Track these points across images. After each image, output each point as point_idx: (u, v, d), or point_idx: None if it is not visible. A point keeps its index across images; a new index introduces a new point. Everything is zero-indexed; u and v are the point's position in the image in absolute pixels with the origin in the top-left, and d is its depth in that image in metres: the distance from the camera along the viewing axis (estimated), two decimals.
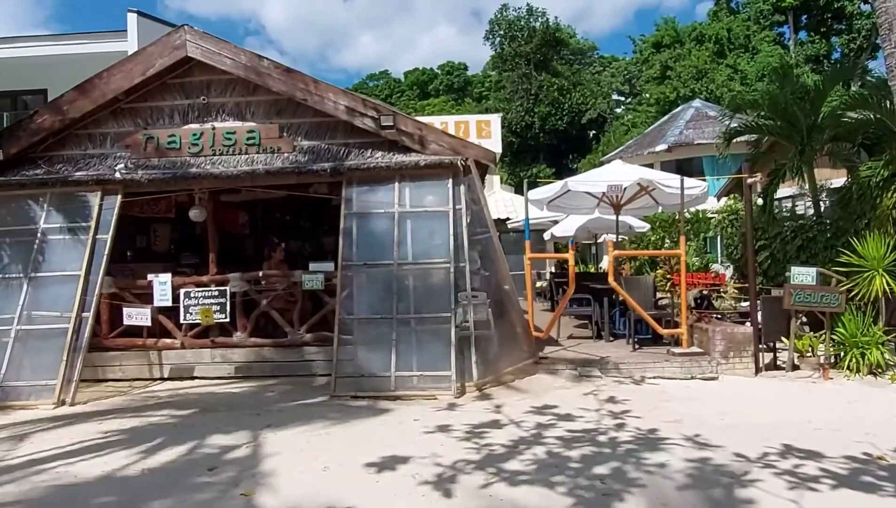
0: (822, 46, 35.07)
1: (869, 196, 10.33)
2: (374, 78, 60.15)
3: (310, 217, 13.28)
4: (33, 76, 15.07)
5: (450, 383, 7.08)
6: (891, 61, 7.25)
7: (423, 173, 8.03)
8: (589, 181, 9.47)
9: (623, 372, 7.81)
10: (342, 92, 8.26)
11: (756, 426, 5.61)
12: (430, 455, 4.97)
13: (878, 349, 7.37)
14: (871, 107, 10.62)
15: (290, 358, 8.43)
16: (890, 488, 4.09)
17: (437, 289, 7.60)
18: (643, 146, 24.76)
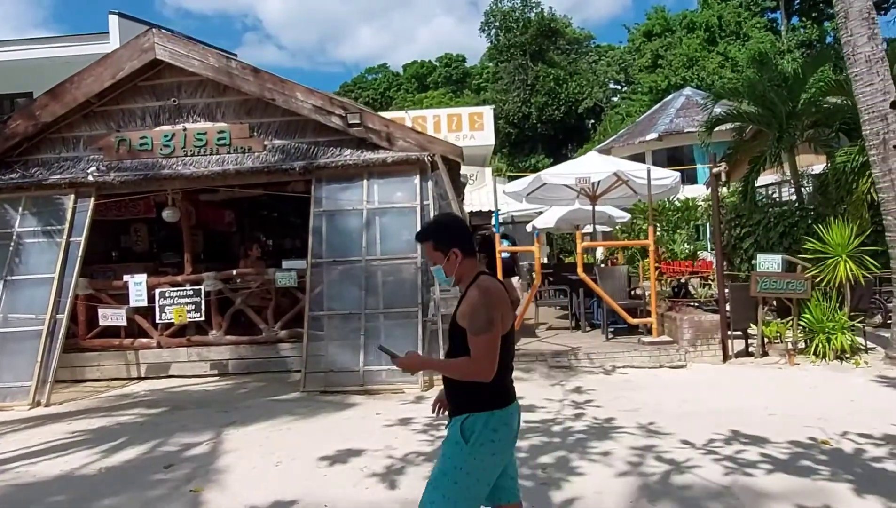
0: (814, 31, 34.83)
1: (845, 182, 10.37)
2: (372, 71, 60.13)
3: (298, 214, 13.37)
4: (20, 79, 15.15)
5: (417, 376, 7.15)
6: (848, 49, 7.25)
7: (390, 170, 8.09)
8: (561, 174, 9.51)
9: (594, 362, 7.87)
10: (310, 91, 8.31)
11: (712, 413, 5.67)
12: (384, 447, 5.05)
13: (844, 335, 7.40)
14: (848, 92, 10.58)
15: (265, 355, 8.53)
16: (825, 472, 4.14)
17: (406, 284, 7.68)
18: (635, 135, 24.69)
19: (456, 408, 2.49)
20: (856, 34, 7.15)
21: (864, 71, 7.17)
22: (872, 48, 7.12)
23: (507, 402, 2.48)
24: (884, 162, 7.21)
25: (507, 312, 2.43)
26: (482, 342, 2.32)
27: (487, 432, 2.39)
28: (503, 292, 2.47)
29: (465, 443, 2.39)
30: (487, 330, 2.32)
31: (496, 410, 2.42)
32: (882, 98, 7.13)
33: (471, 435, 2.39)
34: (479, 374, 2.35)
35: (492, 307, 2.35)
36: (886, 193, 7.27)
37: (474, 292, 2.41)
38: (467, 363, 2.37)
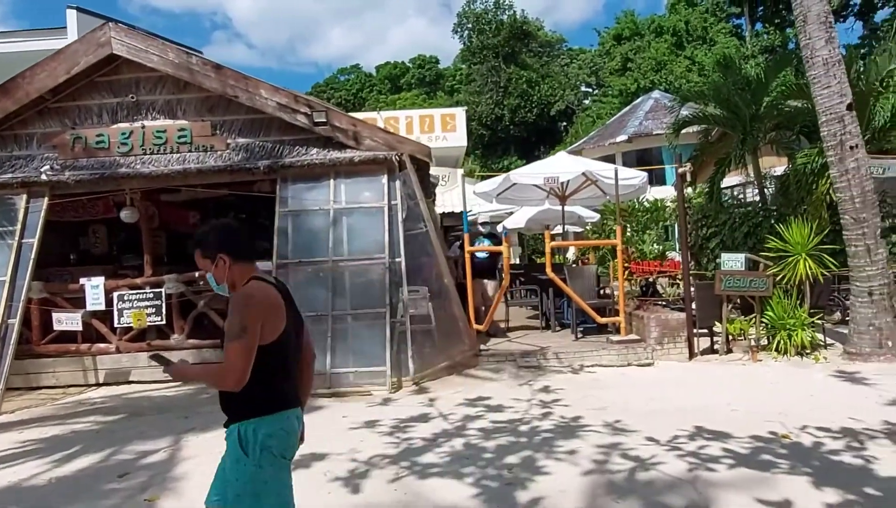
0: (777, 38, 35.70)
1: (805, 183, 10.58)
2: (344, 72, 59.66)
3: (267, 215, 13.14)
4: None
5: (385, 378, 7.07)
6: (806, 52, 7.40)
7: (358, 170, 7.99)
8: (530, 174, 9.51)
9: (563, 362, 7.88)
10: (274, 88, 8.16)
11: (678, 411, 5.70)
12: (349, 451, 4.96)
13: (804, 331, 7.55)
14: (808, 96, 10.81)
15: None
16: (785, 465, 4.19)
17: (374, 285, 7.58)
18: (605, 137, 24.97)
19: (229, 417, 2.39)
20: (814, 38, 7.30)
21: (822, 74, 7.32)
22: (830, 51, 7.27)
23: (282, 407, 2.39)
24: (841, 162, 7.37)
25: (274, 318, 2.33)
26: (232, 349, 2.22)
27: (264, 438, 2.30)
28: (272, 298, 2.36)
29: (246, 456, 2.30)
30: (239, 337, 2.22)
31: (267, 415, 2.33)
32: (839, 100, 7.29)
33: (247, 445, 2.30)
34: (228, 382, 2.25)
35: (249, 314, 2.25)
36: (843, 193, 7.43)
37: (235, 297, 2.33)
38: (217, 371, 2.30)
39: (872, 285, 7.27)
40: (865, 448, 4.42)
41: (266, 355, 2.29)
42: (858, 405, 5.57)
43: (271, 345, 2.31)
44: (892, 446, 4.46)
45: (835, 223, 9.44)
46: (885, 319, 7.23)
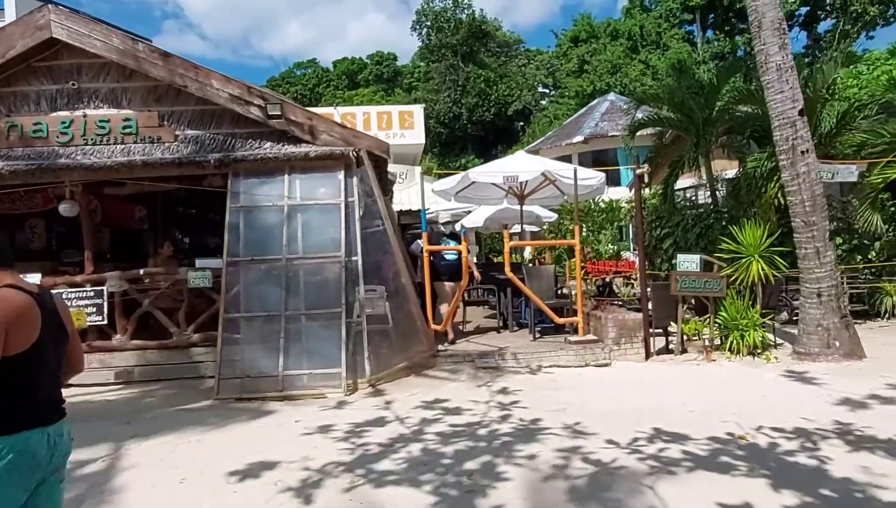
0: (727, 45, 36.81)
1: (755, 186, 10.88)
2: (301, 66, 58.56)
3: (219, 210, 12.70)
4: None
5: (340, 380, 6.86)
6: (761, 57, 7.54)
7: (313, 165, 7.74)
8: (489, 172, 9.42)
9: (521, 362, 7.82)
10: (226, 78, 7.83)
11: (635, 412, 5.70)
12: (301, 458, 4.75)
13: (756, 331, 7.71)
14: (759, 101, 11.11)
15: (176, 360, 7.97)
16: (743, 467, 4.20)
17: (329, 284, 7.36)
18: (562, 138, 25.20)
19: None
20: (768, 43, 7.44)
21: (776, 79, 7.47)
22: (783, 57, 7.43)
23: (22, 427, 2.24)
24: (792, 166, 7.54)
25: (20, 328, 2.20)
26: None
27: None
28: (21, 307, 2.23)
29: None
30: None
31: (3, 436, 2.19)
32: (791, 105, 7.45)
33: None
34: None
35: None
36: (795, 196, 7.60)
37: None
38: None
39: (821, 286, 7.47)
40: (819, 449, 4.48)
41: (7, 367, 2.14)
42: (809, 405, 5.68)
43: (15, 357, 2.16)
44: (844, 446, 4.53)
45: (783, 226, 9.73)
46: (832, 320, 7.44)
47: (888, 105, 10.77)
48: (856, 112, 10.88)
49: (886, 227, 10.42)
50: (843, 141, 10.67)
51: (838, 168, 8.35)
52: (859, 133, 10.53)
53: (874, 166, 9.67)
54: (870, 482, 3.87)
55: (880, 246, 10.86)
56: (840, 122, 10.71)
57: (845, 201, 11.34)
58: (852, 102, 11.79)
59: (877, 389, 6.10)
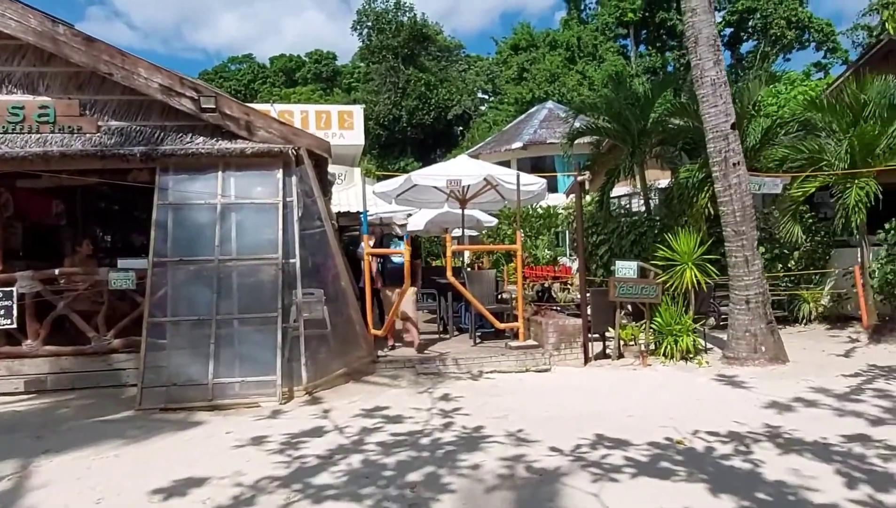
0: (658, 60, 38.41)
1: (686, 196, 11.26)
2: (236, 61, 56.66)
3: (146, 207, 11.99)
4: None
5: (275, 388, 6.57)
6: (696, 72, 7.80)
7: (250, 162, 7.40)
8: (431, 175, 9.32)
9: (462, 368, 7.74)
10: (156, 68, 7.39)
11: (576, 417, 5.72)
12: (232, 473, 4.47)
13: (689, 336, 7.95)
14: (690, 115, 11.55)
15: (94, 368, 7.43)
16: (683, 472, 4.26)
17: (265, 287, 7.04)
18: (501, 143, 25.50)
19: None
20: (704, 59, 7.70)
21: (710, 93, 7.74)
22: (717, 73, 7.71)
23: None
24: (725, 178, 7.82)
25: None
26: None
27: None
28: None
29: None
30: None
31: None
32: (724, 119, 7.74)
33: None
34: None
35: None
36: (726, 206, 7.89)
37: None
38: None
39: (749, 293, 7.77)
40: (752, 452, 4.61)
41: None
42: (740, 408, 5.86)
43: None
44: (775, 449, 4.68)
45: (712, 235, 10.11)
46: (759, 325, 7.76)
47: (807, 123, 11.40)
48: (778, 129, 11.46)
49: (805, 237, 11.02)
50: (766, 155, 11.21)
51: (765, 180, 8.74)
52: (781, 148, 11.09)
53: (794, 180, 10.19)
54: (801, 484, 3.99)
55: (799, 255, 11.50)
56: (764, 137, 11.25)
57: (767, 212, 11.93)
58: (774, 119, 12.45)
59: (800, 392, 6.39)
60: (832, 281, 11.63)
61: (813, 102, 11.50)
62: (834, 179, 10.03)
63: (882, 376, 7.16)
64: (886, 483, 4.00)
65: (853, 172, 9.71)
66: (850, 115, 10.24)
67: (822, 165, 10.23)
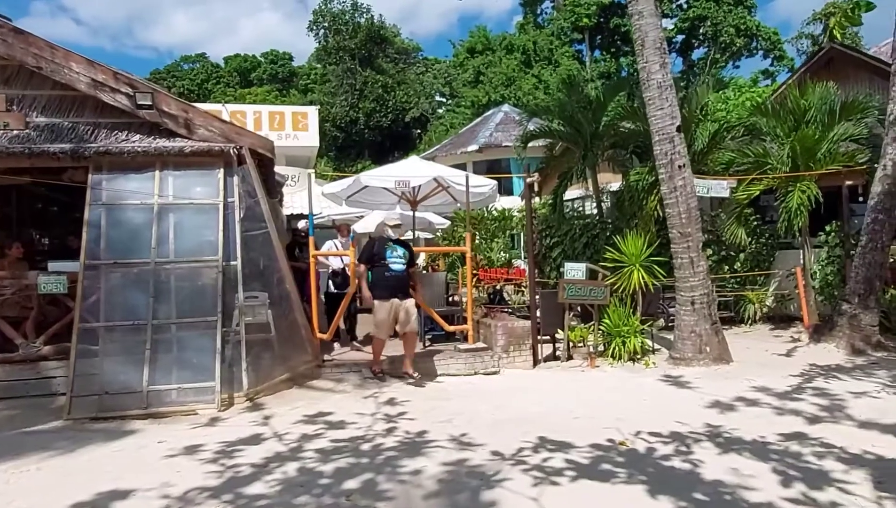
0: (612, 65, 39.11)
1: (637, 198, 11.43)
2: (189, 60, 55.26)
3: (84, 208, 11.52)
4: None
5: (214, 394, 6.32)
6: (643, 74, 7.90)
7: (189, 161, 7.13)
8: (381, 176, 9.21)
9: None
10: (89, 62, 7.05)
11: (522, 420, 5.67)
12: (160, 485, 4.25)
13: (637, 338, 8.02)
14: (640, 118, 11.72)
15: (21, 376, 7.01)
16: (623, 474, 4.24)
17: (205, 290, 6.78)
18: (457, 146, 25.51)
19: None
20: (650, 61, 7.80)
21: (657, 96, 7.84)
22: (663, 76, 7.81)
23: None
24: (671, 180, 7.93)
25: None
26: None
27: None
28: None
29: None
30: None
31: None
32: (670, 122, 7.85)
33: None
34: None
35: None
36: (672, 208, 8.00)
37: None
38: None
39: (694, 294, 7.90)
40: (692, 452, 4.64)
41: None
42: (683, 408, 5.92)
43: None
44: (715, 448, 4.73)
45: (661, 237, 10.27)
46: (704, 326, 7.89)
47: (752, 128, 11.72)
48: (725, 133, 11.75)
49: (749, 240, 11.32)
50: (713, 159, 11.48)
51: (712, 183, 8.91)
52: (728, 152, 11.37)
53: (740, 184, 10.45)
54: (739, 483, 4.02)
55: (745, 257, 11.80)
56: (711, 141, 11.51)
57: (714, 214, 12.22)
58: (722, 123, 12.77)
59: (742, 391, 6.51)
60: (776, 282, 12.00)
61: (758, 108, 11.84)
62: (777, 182, 10.33)
63: (821, 374, 7.37)
64: (820, 480, 4.07)
65: (795, 176, 10.02)
66: (792, 120, 10.57)
67: (766, 168, 10.54)
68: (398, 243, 7.32)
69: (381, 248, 7.24)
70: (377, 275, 7.15)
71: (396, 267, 7.14)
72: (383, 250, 7.22)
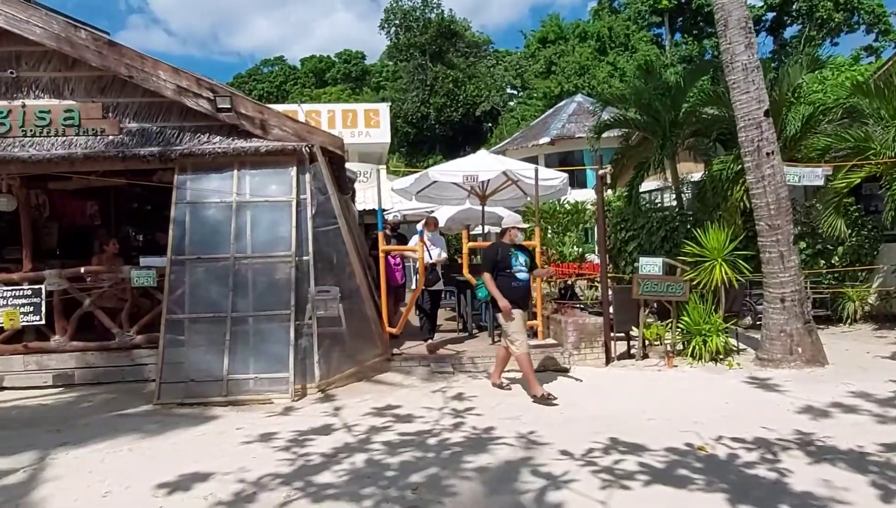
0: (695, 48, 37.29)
1: (721, 189, 10.82)
2: (268, 64, 57.78)
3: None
4: None
5: (288, 385, 6.54)
6: (727, 56, 7.43)
7: (264, 161, 7.40)
8: (449, 171, 9.17)
9: (478, 367, 7.58)
10: (175, 70, 7.44)
11: (592, 420, 5.50)
12: (237, 469, 4.44)
13: (719, 337, 7.59)
14: (725, 103, 11.08)
15: (118, 363, 7.56)
16: (701, 481, 4.02)
17: (279, 284, 7.03)
18: (528, 138, 25.13)
19: None
20: (734, 42, 7.33)
21: (742, 79, 7.36)
22: (749, 57, 7.32)
23: None
24: (758, 169, 7.44)
25: None
26: None
27: None
28: None
29: None
30: None
31: None
32: (757, 106, 7.35)
33: None
34: None
35: None
36: (760, 199, 7.50)
37: None
38: None
39: (785, 291, 7.37)
40: (779, 460, 4.33)
41: None
42: (771, 413, 5.54)
43: None
44: (805, 457, 4.38)
45: (748, 230, 9.67)
46: (795, 325, 7.34)
47: (852, 110, 10.81)
48: (821, 116, 10.89)
49: (849, 232, 10.44)
50: (807, 145, 10.67)
51: (804, 171, 8.27)
52: (824, 137, 10.53)
53: (838, 171, 9.66)
54: (831, 496, 3.71)
55: (843, 251, 10.91)
56: (805, 125, 10.71)
57: (809, 205, 11.38)
58: (817, 105, 11.82)
59: (839, 397, 6.01)
60: (880, 278, 11.03)
61: (859, 87, 10.87)
62: (882, 168, 9.46)
63: None
64: None
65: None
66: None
67: (869, 154, 9.66)
68: (519, 249, 6.67)
69: (504, 254, 6.54)
70: (503, 285, 6.42)
71: (523, 276, 6.56)
72: (508, 258, 6.53)
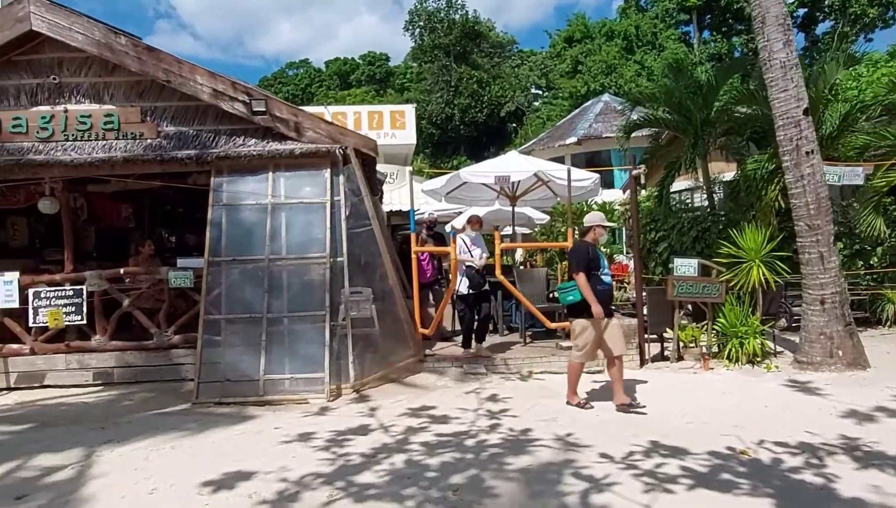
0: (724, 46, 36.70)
1: (755, 188, 10.63)
2: (293, 66, 58.49)
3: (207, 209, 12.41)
4: None
5: (323, 385, 6.61)
6: (764, 54, 7.31)
7: (299, 162, 7.49)
8: (480, 172, 9.18)
9: (511, 367, 7.58)
10: (211, 74, 7.57)
11: (629, 422, 5.46)
12: (278, 468, 4.50)
13: (756, 339, 7.46)
14: (759, 102, 10.90)
15: (156, 362, 7.71)
16: (746, 485, 3.96)
17: (313, 285, 7.11)
18: (555, 139, 24.99)
19: None
20: (772, 39, 7.21)
21: (780, 77, 7.23)
22: (787, 54, 7.19)
23: None
24: (797, 168, 7.30)
25: None
26: None
27: None
28: None
29: None
30: None
31: None
32: (796, 104, 7.22)
33: None
34: None
35: None
36: (798, 198, 7.36)
37: None
38: None
39: (825, 293, 7.22)
40: (825, 465, 4.25)
41: None
42: (814, 417, 5.44)
43: None
44: (852, 462, 4.30)
45: (783, 230, 9.50)
46: (836, 328, 7.19)
47: (891, 106, 10.54)
48: (858, 114, 10.65)
49: (889, 232, 10.19)
50: (845, 143, 10.43)
51: (844, 170, 8.09)
52: (862, 135, 10.29)
53: (877, 169, 9.44)
54: (882, 502, 3.63)
55: (882, 251, 10.63)
56: (842, 123, 10.47)
57: (846, 204, 11.13)
58: (855, 103, 11.55)
59: (883, 401, 5.86)
60: None
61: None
62: None
63: None
64: None
65: None
66: None
67: None
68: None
69: (595, 254, 6.01)
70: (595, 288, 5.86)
71: (608, 279, 6.05)
72: (598, 259, 6.02)
